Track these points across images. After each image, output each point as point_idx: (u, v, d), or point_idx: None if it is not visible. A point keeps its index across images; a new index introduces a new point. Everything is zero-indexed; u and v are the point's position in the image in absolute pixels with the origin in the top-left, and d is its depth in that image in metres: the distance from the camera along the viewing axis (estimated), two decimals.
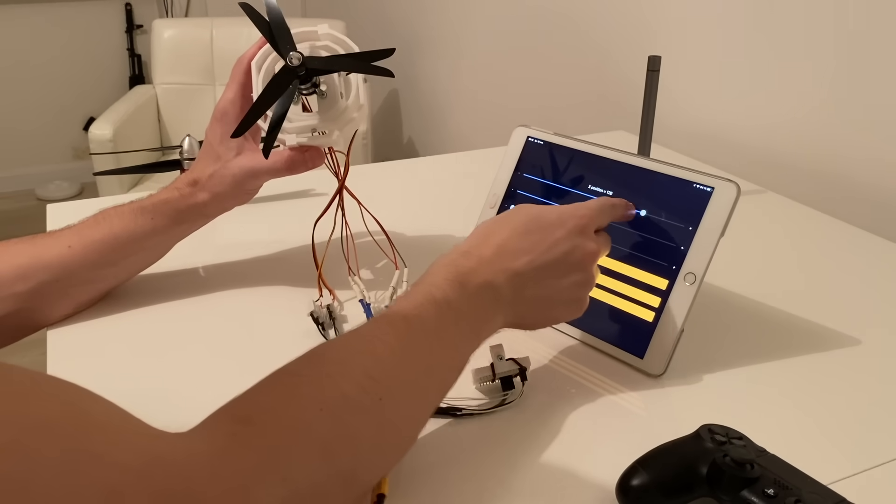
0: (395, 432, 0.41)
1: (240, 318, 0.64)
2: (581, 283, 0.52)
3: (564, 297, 0.52)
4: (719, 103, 1.09)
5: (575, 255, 0.50)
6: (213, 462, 0.31)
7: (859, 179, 0.90)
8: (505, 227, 0.51)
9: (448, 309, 0.45)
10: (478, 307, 0.47)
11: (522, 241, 0.50)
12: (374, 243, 0.71)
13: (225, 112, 0.61)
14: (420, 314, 0.44)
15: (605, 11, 1.32)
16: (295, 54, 0.55)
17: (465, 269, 0.47)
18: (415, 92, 2.26)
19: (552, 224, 0.51)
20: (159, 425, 0.34)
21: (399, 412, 0.41)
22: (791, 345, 0.60)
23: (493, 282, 0.48)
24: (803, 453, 0.43)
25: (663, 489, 0.41)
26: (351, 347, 0.41)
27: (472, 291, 0.46)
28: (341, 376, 0.39)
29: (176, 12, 3.23)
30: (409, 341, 0.43)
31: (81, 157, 3.22)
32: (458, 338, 0.46)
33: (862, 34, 0.87)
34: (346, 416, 0.37)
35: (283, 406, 0.36)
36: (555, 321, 0.55)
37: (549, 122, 1.31)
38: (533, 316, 0.52)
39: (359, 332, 0.43)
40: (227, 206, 0.64)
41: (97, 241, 0.59)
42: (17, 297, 0.57)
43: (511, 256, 0.49)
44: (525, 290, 0.49)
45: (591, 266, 0.52)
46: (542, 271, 0.49)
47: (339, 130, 0.60)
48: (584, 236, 0.51)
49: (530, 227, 0.50)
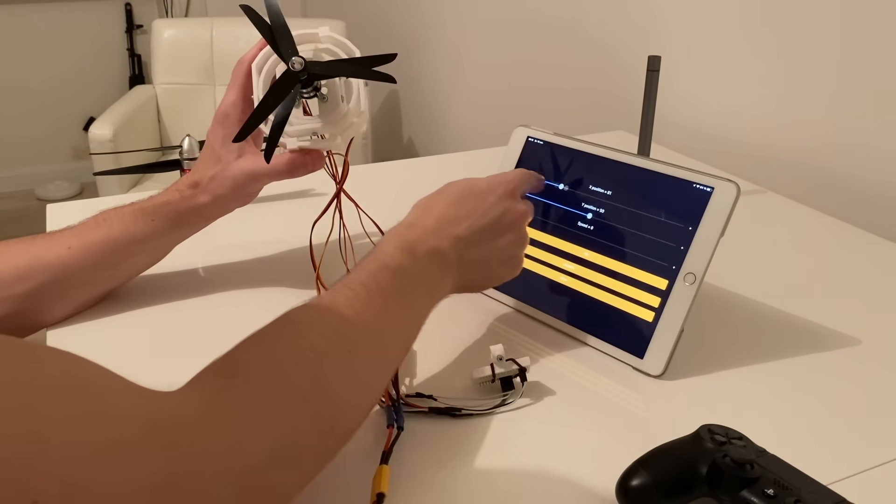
0: (366, 382, 0.44)
1: (239, 318, 0.64)
2: (516, 241, 0.56)
3: (503, 255, 0.56)
4: (719, 103, 1.09)
5: (507, 216, 0.55)
6: (205, 414, 0.34)
7: (859, 179, 0.90)
8: (442, 199, 0.55)
9: (401, 273, 0.49)
10: (428, 271, 0.51)
11: (460, 209, 0.54)
12: (373, 244, 0.70)
13: (226, 114, 0.61)
14: (376, 279, 0.47)
15: (605, 11, 1.32)
16: (297, 59, 0.55)
17: (412, 239, 0.51)
18: (415, 92, 2.26)
19: (484, 191, 0.56)
20: None
21: (368, 363, 0.44)
22: (791, 345, 0.60)
23: (439, 247, 0.52)
24: (803, 453, 0.43)
25: (663, 489, 0.41)
26: (317, 310, 0.44)
27: (421, 257, 0.51)
28: (312, 334, 0.42)
29: (176, 12, 3.23)
30: (368, 301, 0.46)
31: (81, 157, 3.22)
32: (413, 298, 0.50)
33: (863, 34, 0.87)
34: (321, 367, 0.40)
35: (262, 360, 0.39)
36: (497, 280, 0.58)
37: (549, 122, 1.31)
38: (478, 276, 0.56)
39: (321, 298, 0.45)
40: (227, 209, 0.64)
41: (97, 242, 0.59)
42: (17, 299, 0.57)
43: (452, 224, 0.53)
44: (468, 252, 0.53)
45: (522, 225, 0.57)
46: (480, 234, 0.54)
47: (339, 134, 0.60)
48: (513, 199, 0.56)
49: (464, 195, 0.55)
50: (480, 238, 0.54)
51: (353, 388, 0.42)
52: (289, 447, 0.36)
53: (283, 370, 0.39)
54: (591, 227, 0.61)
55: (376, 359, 0.45)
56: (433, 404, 0.51)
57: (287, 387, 0.38)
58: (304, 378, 0.39)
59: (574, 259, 0.61)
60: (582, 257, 0.61)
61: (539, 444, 0.49)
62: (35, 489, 0.24)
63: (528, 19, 1.58)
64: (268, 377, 0.38)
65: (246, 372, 0.38)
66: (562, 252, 0.62)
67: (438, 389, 0.53)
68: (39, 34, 3.13)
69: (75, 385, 0.29)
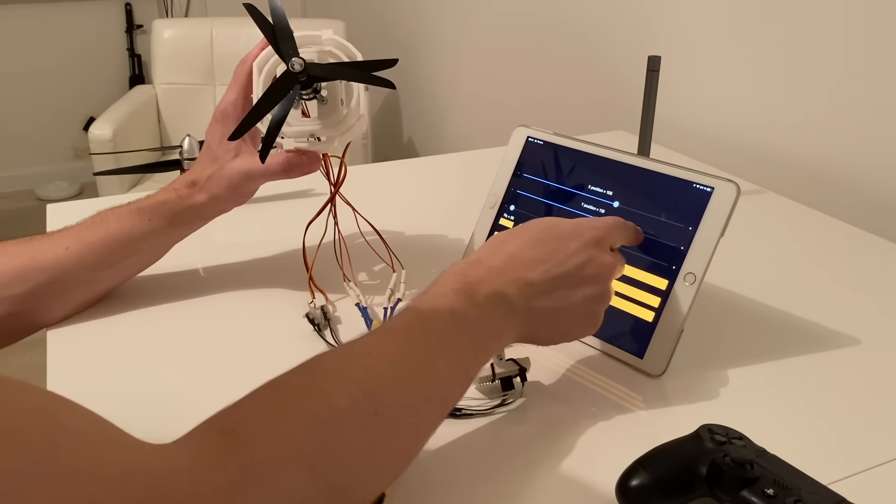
0: (391, 447, 0.39)
1: (238, 319, 0.64)
2: (597, 296, 0.49)
3: (579, 310, 0.49)
4: (719, 103, 1.09)
5: (591, 267, 0.49)
6: (194, 475, 0.30)
7: (859, 179, 0.90)
8: (518, 238, 0.49)
9: (453, 318, 0.43)
10: (486, 318, 0.45)
11: (536, 250, 0.48)
12: (371, 245, 0.70)
13: (226, 113, 0.61)
14: (423, 324, 0.42)
15: (605, 11, 1.32)
16: (297, 60, 0.54)
17: (474, 279, 0.46)
18: (415, 92, 2.26)
19: (568, 234, 0.49)
20: (158, 426, 0.34)
21: (396, 427, 0.39)
22: (791, 345, 0.60)
23: (504, 292, 0.46)
24: (803, 453, 0.43)
25: (663, 489, 0.41)
26: (346, 358, 0.40)
27: (481, 301, 0.45)
28: (333, 388, 0.37)
29: (176, 12, 3.23)
30: (409, 352, 0.41)
31: (81, 157, 3.22)
32: (462, 349, 0.43)
33: (863, 33, 0.87)
34: (337, 430, 0.36)
35: (269, 419, 0.35)
36: (568, 337, 0.51)
37: (549, 122, 1.31)
38: (545, 330, 0.49)
39: (356, 343, 0.41)
40: (224, 208, 0.64)
41: (94, 242, 0.59)
42: (15, 299, 0.57)
43: (524, 266, 0.47)
44: (537, 301, 0.47)
45: (607, 280, 0.50)
46: (556, 282, 0.47)
47: (337, 137, 0.60)
48: (600, 248, 0.50)
49: (544, 237, 0.49)
50: (555, 286, 0.47)
51: (373, 454, 0.37)
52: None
53: (291, 432, 0.35)
54: None
55: (407, 421, 0.40)
56: None
57: (293, 452, 0.34)
58: (315, 442, 0.35)
59: None
60: None
61: (539, 444, 0.49)
62: None
63: (528, 19, 1.58)
64: (273, 440, 0.34)
65: (248, 431, 0.34)
66: None
67: None
68: (39, 34, 3.13)
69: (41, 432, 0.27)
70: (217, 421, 0.34)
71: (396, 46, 2.32)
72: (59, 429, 0.28)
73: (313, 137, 0.60)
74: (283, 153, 0.60)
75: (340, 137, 0.60)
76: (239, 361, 0.58)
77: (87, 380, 0.56)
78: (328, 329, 0.61)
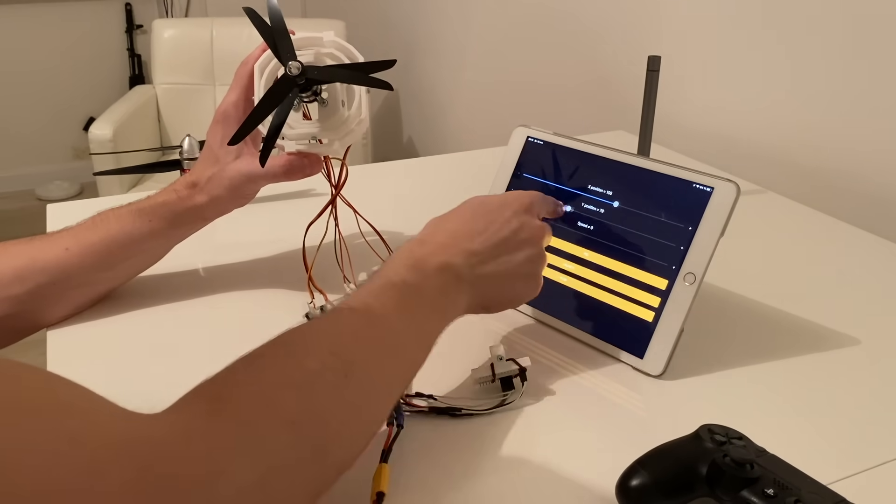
0: (364, 408, 0.41)
1: (238, 319, 0.64)
2: (534, 257, 0.54)
3: (521, 271, 0.53)
4: (719, 103, 1.09)
5: (524, 231, 0.53)
6: (188, 439, 0.32)
7: (859, 179, 0.90)
8: (455, 216, 0.54)
9: (408, 290, 0.47)
10: (438, 286, 0.49)
11: (474, 223, 0.53)
12: (372, 246, 0.70)
13: (227, 115, 0.61)
14: (380, 297, 0.45)
15: (605, 11, 1.32)
16: (294, 63, 0.54)
17: (422, 254, 0.50)
18: (415, 92, 2.26)
19: (498, 206, 0.54)
20: None
21: (367, 388, 0.41)
22: (791, 345, 0.60)
23: (451, 262, 0.50)
24: (803, 453, 0.43)
25: (663, 489, 0.41)
26: (313, 330, 0.42)
27: (431, 272, 0.48)
28: (304, 354, 0.40)
29: (176, 12, 3.23)
30: (371, 320, 0.44)
31: (81, 157, 3.22)
32: (420, 316, 0.47)
33: (864, 33, 0.87)
34: (312, 392, 0.38)
35: (250, 383, 0.37)
36: (517, 299, 0.56)
37: (549, 122, 1.31)
38: (494, 294, 0.53)
39: (320, 318, 0.44)
40: (224, 210, 0.64)
41: (94, 243, 0.59)
42: (15, 300, 0.57)
43: (465, 238, 0.51)
44: (482, 267, 0.51)
45: (540, 242, 0.55)
46: (495, 249, 0.52)
47: (338, 140, 0.60)
48: (529, 215, 0.55)
49: (479, 211, 0.54)
50: (496, 253, 0.52)
51: (348, 413, 0.40)
52: (278, 474, 0.34)
53: (271, 394, 0.37)
54: (591, 227, 0.61)
55: (377, 382, 0.42)
56: (433, 404, 0.51)
57: (275, 411, 0.36)
58: (293, 402, 0.37)
59: (574, 259, 0.61)
60: (582, 257, 0.61)
61: (539, 444, 0.49)
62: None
63: (528, 19, 1.58)
64: (254, 400, 0.36)
65: (231, 395, 0.36)
66: (562, 252, 0.62)
67: (438, 389, 0.53)
68: (39, 34, 3.13)
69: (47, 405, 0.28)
70: (201, 390, 0.36)
71: (396, 46, 2.32)
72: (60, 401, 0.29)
73: (314, 140, 0.60)
74: (284, 155, 0.60)
75: (342, 140, 0.60)
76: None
77: (87, 380, 0.55)
78: None
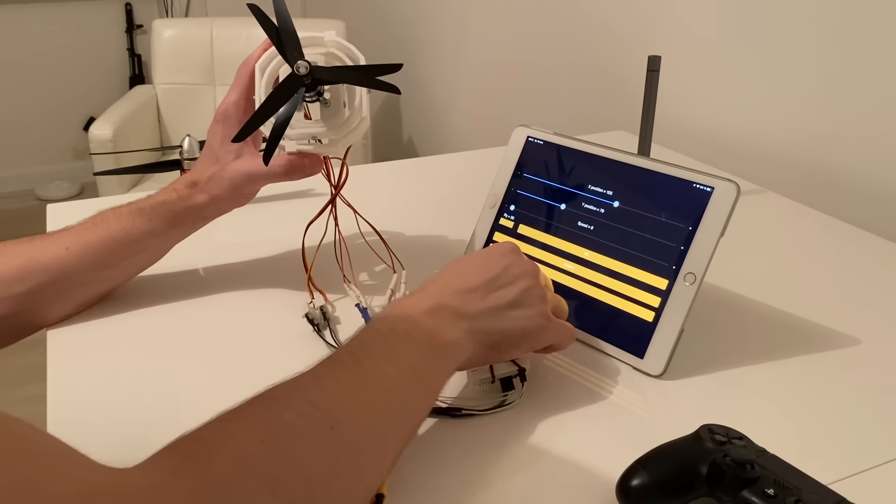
0: (354, 460, 0.38)
1: (237, 319, 0.64)
2: (531, 289, 0.51)
3: (521, 303, 0.50)
4: (719, 103, 1.09)
5: (515, 267, 0.52)
6: (149, 495, 0.30)
7: (859, 179, 0.90)
8: (442, 273, 0.52)
9: (396, 337, 0.45)
10: (430, 328, 0.46)
11: (462, 271, 0.51)
12: (372, 246, 0.70)
13: (227, 114, 0.61)
14: (365, 347, 0.44)
15: (605, 11, 1.32)
16: (303, 63, 0.54)
17: (410, 303, 0.48)
18: (415, 92, 2.26)
19: (485, 254, 0.53)
20: (157, 425, 0.34)
21: (356, 439, 0.39)
22: (791, 344, 0.60)
23: (442, 302, 0.48)
24: (803, 453, 0.43)
25: (663, 489, 0.41)
26: (295, 384, 0.40)
27: (420, 315, 0.46)
28: (285, 408, 0.38)
29: (176, 12, 3.23)
30: (359, 371, 0.42)
31: (81, 157, 3.22)
32: (415, 361, 0.44)
33: (864, 33, 0.87)
34: (292, 446, 0.36)
35: (223, 440, 0.35)
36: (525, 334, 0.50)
37: (549, 122, 1.31)
38: (499, 328, 0.49)
39: (304, 373, 0.41)
40: (224, 209, 0.64)
41: (95, 242, 0.59)
42: (15, 299, 0.57)
43: (457, 283, 0.50)
44: (481, 302, 0.49)
45: (535, 276, 0.52)
46: (490, 284, 0.50)
47: (339, 140, 0.60)
48: (516, 255, 0.53)
49: (464, 264, 0.52)
50: (491, 288, 0.50)
51: (335, 470, 0.37)
52: None
53: (246, 451, 0.35)
54: (591, 227, 0.61)
55: (368, 432, 0.40)
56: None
57: (250, 470, 0.34)
58: (271, 458, 0.35)
59: (574, 259, 0.61)
60: (582, 257, 0.61)
61: (539, 445, 0.49)
62: None
63: (528, 19, 1.58)
64: (228, 458, 0.34)
65: (204, 452, 0.34)
66: (562, 252, 0.62)
67: None
68: (39, 34, 3.13)
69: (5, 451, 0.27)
70: (173, 446, 0.35)
71: (396, 46, 2.32)
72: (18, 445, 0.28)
73: (315, 140, 0.60)
74: (284, 155, 0.60)
75: (342, 140, 0.60)
76: (238, 361, 0.58)
77: (87, 380, 0.56)
78: (328, 329, 0.61)
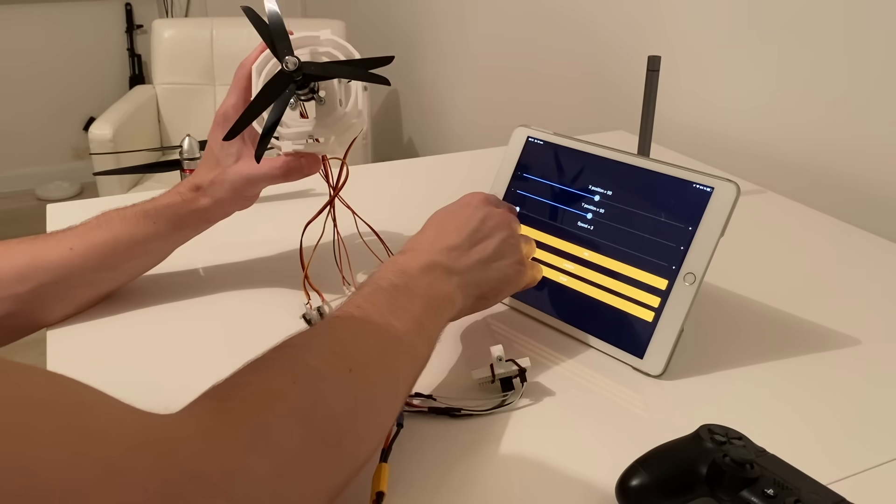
0: (372, 402, 0.42)
1: (236, 319, 0.64)
2: (509, 238, 0.56)
3: (501, 253, 0.56)
4: (719, 103, 1.09)
5: (491, 219, 0.56)
6: (202, 437, 0.33)
7: (859, 179, 0.90)
8: (424, 230, 0.56)
9: (398, 291, 0.48)
10: (426, 284, 0.50)
11: (443, 227, 0.55)
12: (370, 247, 0.70)
13: (226, 117, 0.61)
14: (371, 300, 0.47)
15: (605, 11, 1.32)
16: (291, 59, 0.54)
17: (404, 261, 0.52)
18: (415, 92, 2.26)
19: (460, 207, 0.58)
20: None
21: (372, 383, 0.43)
22: (791, 344, 0.60)
23: (434, 260, 0.52)
24: (803, 453, 0.43)
25: (663, 489, 0.41)
26: (311, 334, 0.43)
27: (416, 272, 0.51)
28: (307, 354, 0.41)
29: (176, 12, 3.23)
30: (366, 322, 0.45)
31: (81, 157, 3.22)
32: (416, 312, 0.48)
33: (863, 33, 0.87)
34: (319, 386, 0.39)
35: (257, 383, 0.38)
36: (508, 282, 0.57)
37: (549, 122, 1.31)
38: (485, 279, 0.55)
39: (316, 325, 0.45)
40: (227, 212, 0.64)
41: (99, 243, 0.59)
42: (17, 298, 0.57)
43: (441, 240, 0.54)
44: (464, 257, 0.54)
45: (510, 225, 0.57)
46: (470, 238, 0.54)
47: (335, 137, 0.59)
48: (490, 205, 0.58)
49: (443, 217, 0.57)
50: (472, 241, 0.55)
51: (356, 410, 0.41)
52: (292, 468, 0.35)
53: (278, 390, 0.38)
54: (590, 227, 0.61)
55: (381, 377, 0.44)
56: (433, 404, 0.51)
57: (284, 407, 0.37)
58: (301, 397, 0.38)
59: (574, 259, 0.61)
60: (582, 257, 0.61)
61: (539, 445, 0.49)
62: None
63: (528, 19, 1.58)
64: (263, 398, 0.37)
65: (240, 394, 0.37)
66: (562, 252, 0.62)
67: (438, 389, 0.53)
68: (39, 34, 3.13)
69: (65, 406, 0.28)
70: (210, 392, 0.37)
71: (397, 46, 2.32)
72: (79, 402, 0.30)
73: (312, 139, 0.59)
74: (282, 157, 0.60)
75: (339, 137, 0.60)
76: (236, 361, 0.58)
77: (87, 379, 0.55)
78: None
